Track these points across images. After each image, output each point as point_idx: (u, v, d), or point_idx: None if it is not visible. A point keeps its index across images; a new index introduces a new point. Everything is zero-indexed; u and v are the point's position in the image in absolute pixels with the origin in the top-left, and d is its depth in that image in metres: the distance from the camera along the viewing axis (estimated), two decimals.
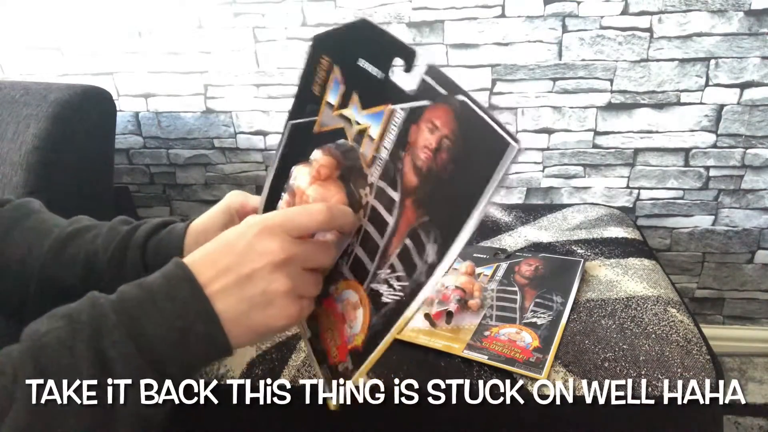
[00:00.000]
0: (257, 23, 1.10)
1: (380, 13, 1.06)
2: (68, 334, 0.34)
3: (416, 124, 0.40)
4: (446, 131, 0.38)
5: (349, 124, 0.45)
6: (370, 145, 0.43)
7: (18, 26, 1.15)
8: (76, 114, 0.96)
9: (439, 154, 0.39)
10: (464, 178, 0.38)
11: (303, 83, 0.47)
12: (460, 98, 0.37)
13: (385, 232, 0.43)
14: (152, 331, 0.36)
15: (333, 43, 0.45)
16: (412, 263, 0.41)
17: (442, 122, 0.39)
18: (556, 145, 1.13)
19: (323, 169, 0.43)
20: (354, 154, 0.45)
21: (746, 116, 1.06)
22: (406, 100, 0.41)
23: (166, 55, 1.15)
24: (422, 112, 0.40)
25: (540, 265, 0.83)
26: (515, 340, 0.67)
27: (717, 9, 0.98)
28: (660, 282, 0.81)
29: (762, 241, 1.18)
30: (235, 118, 1.19)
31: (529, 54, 1.06)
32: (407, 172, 0.41)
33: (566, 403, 0.62)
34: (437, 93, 0.39)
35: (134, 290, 0.37)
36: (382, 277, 0.43)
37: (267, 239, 0.39)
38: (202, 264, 0.38)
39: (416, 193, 0.41)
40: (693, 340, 0.68)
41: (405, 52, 0.41)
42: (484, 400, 0.63)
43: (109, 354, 0.34)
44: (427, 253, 0.40)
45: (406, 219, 0.42)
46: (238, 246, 0.39)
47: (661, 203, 1.16)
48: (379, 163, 0.43)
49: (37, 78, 1.19)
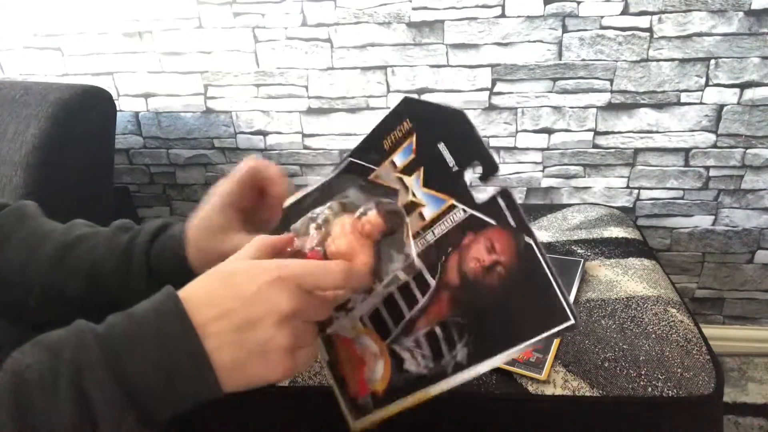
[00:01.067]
0: (257, 23, 1.10)
1: (380, 13, 1.06)
2: (50, 371, 0.33)
3: (474, 234, 0.42)
4: (503, 259, 0.40)
5: (405, 191, 0.45)
6: (418, 223, 0.44)
7: (18, 26, 1.15)
8: (76, 114, 0.96)
9: (490, 275, 0.41)
10: (509, 315, 0.40)
11: (377, 132, 0.47)
12: (527, 240, 0.39)
13: (415, 306, 0.44)
14: (135, 368, 0.34)
15: (423, 113, 0.45)
16: (440, 351, 0.43)
17: (501, 248, 0.40)
18: (556, 145, 1.13)
19: (369, 227, 0.42)
20: (400, 220, 0.44)
21: (746, 116, 1.06)
22: (470, 205, 0.42)
23: (166, 55, 1.15)
24: (484, 227, 0.41)
25: None
26: None
27: (717, 9, 0.98)
28: (660, 282, 0.81)
29: (762, 241, 1.18)
30: (235, 118, 1.19)
31: (529, 54, 1.06)
32: (451, 269, 0.43)
33: (566, 403, 0.62)
34: (504, 219, 0.40)
35: (122, 322, 0.35)
36: (405, 345, 0.45)
37: (278, 290, 0.36)
38: (200, 302, 0.36)
39: (455, 293, 0.43)
40: (693, 340, 0.68)
41: (489, 163, 0.41)
42: (485, 400, 0.63)
43: (91, 394, 0.32)
44: (456, 351, 0.42)
45: (438, 308, 0.43)
46: (246, 291, 0.36)
47: (661, 203, 1.16)
48: (422, 242, 0.44)
49: (37, 78, 1.19)
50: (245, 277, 0.37)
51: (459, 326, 0.42)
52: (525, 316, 0.39)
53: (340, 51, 1.10)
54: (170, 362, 0.34)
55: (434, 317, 0.43)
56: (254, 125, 1.19)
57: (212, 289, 0.37)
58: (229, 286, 0.37)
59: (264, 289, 0.36)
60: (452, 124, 0.43)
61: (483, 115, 1.12)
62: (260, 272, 0.37)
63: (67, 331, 0.35)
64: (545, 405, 0.62)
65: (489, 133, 1.13)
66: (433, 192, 0.44)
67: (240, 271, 0.37)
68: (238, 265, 0.38)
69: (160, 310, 0.36)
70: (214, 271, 0.39)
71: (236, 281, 0.37)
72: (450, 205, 0.43)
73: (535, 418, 0.63)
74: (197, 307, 0.36)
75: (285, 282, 0.37)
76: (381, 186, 0.46)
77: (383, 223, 0.43)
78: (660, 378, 0.62)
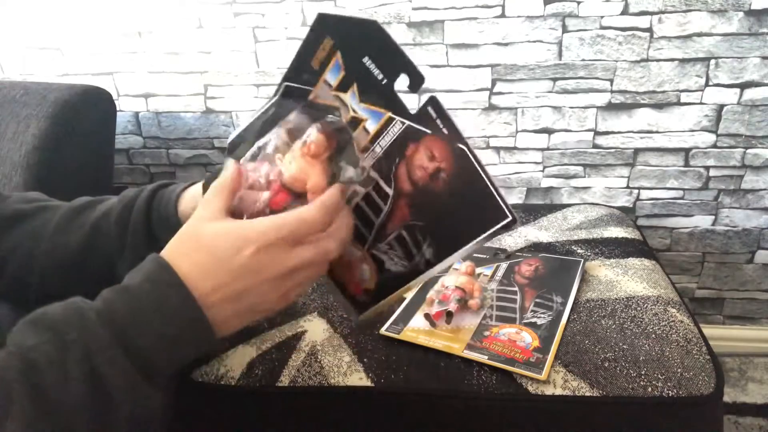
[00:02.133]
0: (257, 23, 1.10)
1: (380, 13, 1.06)
2: (57, 352, 0.33)
3: (415, 144, 0.45)
4: (444, 166, 0.44)
5: (345, 108, 0.47)
6: (365, 137, 0.47)
7: (18, 26, 1.15)
8: (76, 114, 0.96)
9: (436, 181, 0.45)
10: (456, 216, 0.44)
11: (302, 53, 0.48)
12: (460, 146, 0.42)
13: (381, 213, 0.48)
14: (143, 342, 0.36)
15: (339, 29, 0.46)
16: (409, 252, 0.47)
17: (440, 156, 0.44)
18: (556, 145, 1.13)
19: (314, 147, 0.44)
20: (347, 136, 0.46)
21: (746, 116, 1.06)
22: (405, 116, 0.45)
23: (166, 55, 1.15)
24: (422, 137, 0.45)
25: (540, 265, 0.83)
26: (515, 340, 0.67)
27: (717, 9, 0.98)
28: (660, 282, 0.81)
29: (762, 241, 1.18)
30: (235, 118, 1.19)
31: (529, 54, 1.06)
32: (402, 178, 0.47)
33: (566, 403, 0.62)
34: (437, 127, 0.44)
35: (121, 298, 0.37)
36: (382, 248, 0.49)
37: (262, 257, 0.38)
38: (191, 273, 0.38)
39: (410, 198, 0.47)
40: (693, 340, 0.68)
41: (414, 73, 0.44)
42: (485, 400, 0.63)
43: (103, 370, 0.34)
44: (423, 251, 0.47)
45: (400, 213, 0.48)
46: (233, 264, 0.38)
47: (661, 203, 1.16)
48: (372, 155, 0.47)
49: (37, 78, 1.19)
50: (229, 250, 0.38)
51: (420, 228, 0.47)
52: (470, 217, 0.43)
53: None
54: (175, 331, 0.37)
55: (399, 222, 0.47)
56: None
57: (199, 260, 0.38)
58: (216, 261, 0.38)
59: (250, 261, 0.38)
60: (370, 38, 0.44)
61: (483, 115, 1.12)
62: (242, 244, 0.38)
63: (64, 309, 0.36)
64: (545, 405, 0.62)
65: (489, 133, 1.13)
66: (371, 106, 0.46)
67: (221, 243, 0.39)
68: (217, 233, 0.39)
69: (157, 281, 0.37)
70: (193, 236, 0.40)
71: (222, 256, 0.38)
72: (388, 118, 0.46)
73: (535, 418, 0.63)
74: (191, 280, 0.37)
75: (267, 248, 0.38)
76: (322, 105, 0.48)
77: (326, 140, 0.44)
78: (660, 378, 0.62)
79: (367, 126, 0.47)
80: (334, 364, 0.68)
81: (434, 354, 0.67)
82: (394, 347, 0.69)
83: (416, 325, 0.72)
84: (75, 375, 0.33)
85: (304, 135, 0.45)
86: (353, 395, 0.65)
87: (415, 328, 0.71)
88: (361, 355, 0.69)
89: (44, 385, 0.32)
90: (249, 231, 0.39)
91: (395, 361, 0.67)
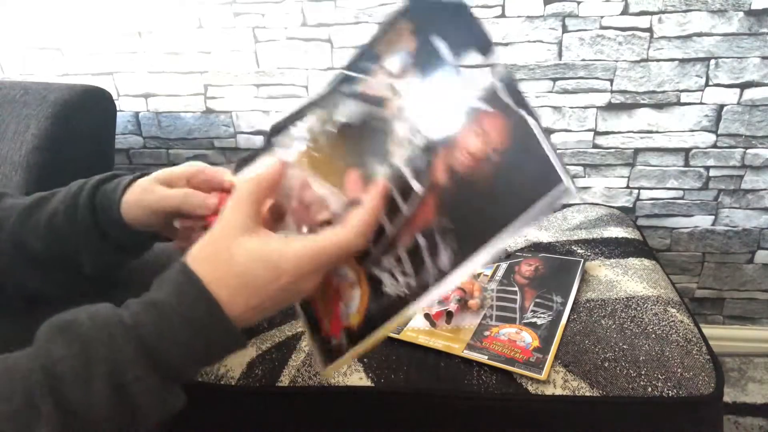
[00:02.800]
0: (257, 23, 1.10)
1: (380, 13, 1.06)
2: (84, 368, 0.33)
3: (465, 127, 0.38)
4: (497, 144, 0.36)
5: (396, 96, 0.42)
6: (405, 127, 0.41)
7: (18, 26, 1.15)
8: (76, 114, 0.96)
9: (482, 165, 0.37)
10: (501, 199, 0.36)
11: (373, 39, 0.45)
12: (522, 113, 0.35)
13: (396, 219, 0.41)
14: (172, 356, 0.36)
15: (424, 12, 0.42)
16: (422, 262, 0.39)
17: (495, 133, 0.37)
18: (556, 145, 1.13)
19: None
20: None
21: (746, 116, 1.06)
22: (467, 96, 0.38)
23: (166, 55, 1.15)
24: (477, 114, 0.38)
25: (540, 265, 0.83)
26: (515, 340, 0.67)
27: (717, 9, 0.98)
28: (660, 282, 0.81)
29: (762, 241, 1.18)
30: (235, 118, 1.19)
31: (529, 54, 1.06)
32: (438, 169, 0.39)
33: (566, 403, 0.62)
34: (500, 101, 0.36)
35: (148, 315, 0.36)
36: (385, 265, 0.41)
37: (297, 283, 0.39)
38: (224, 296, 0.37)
39: (443, 195, 0.39)
40: (693, 340, 0.68)
41: (485, 44, 0.38)
42: (485, 400, 0.63)
43: (131, 388, 0.34)
44: (440, 258, 0.39)
45: (423, 216, 0.40)
46: (267, 290, 0.38)
47: (661, 203, 1.16)
48: (408, 146, 0.41)
49: (37, 78, 1.19)
50: (263, 278, 0.38)
51: (445, 232, 0.39)
52: (516, 192, 0.35)
53: (340, 51, 1.10)
54: (204, 342, 0.37)
55: (419, 227, 0.40)
56: (254, 125, 1.19)
57: (231, 283, 0.38)
58: (251, 287, 0.38)
59: (284, 288, 0.38)
60: (452, 17, 0.40)
61: None
62: (278, 274, 0.38)
63: (93, 321, 0.35)
64: (545, 405, 0.62)
65: None
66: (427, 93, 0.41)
67: (256, 271, 0.38)
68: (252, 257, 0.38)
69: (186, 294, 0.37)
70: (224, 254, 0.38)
71: (256, 283, 0.38)
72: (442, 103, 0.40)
73: (535, 418, 0.63)
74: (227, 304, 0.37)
75: (303, 276, 0.39)
76: (371, 97, 0.43)
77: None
78: (660, 378, 0.62)
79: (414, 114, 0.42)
80: None
81: (434, 354, 0.67)
82: (394, 347, 0.69)
83: (416, 325, 0.72)
84: (102, 391, 0.33)
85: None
86: (353, 395, 0.65)
87: (415, 328, 0.71)
88: (361, 355, 0.69)
89: (70, 400, 0.33)
90: (285, 261, 0.38)
91: (395, 361, 0.67)
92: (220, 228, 0.40)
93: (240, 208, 0.40)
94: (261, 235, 0.39)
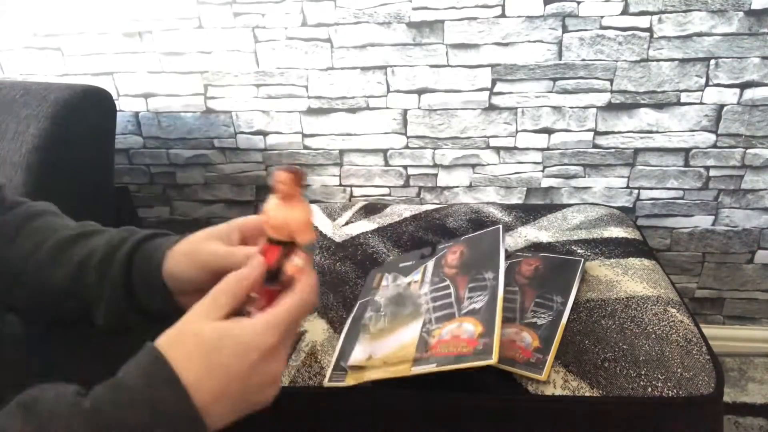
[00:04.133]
0: (257, 23, 1.10)
1: (380, 13, 1.06)
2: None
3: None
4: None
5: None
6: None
7: (18, 26, 1.15)
8: (76, 114, 0.95)
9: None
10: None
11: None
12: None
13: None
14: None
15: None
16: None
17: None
18: (556, 145, 1.13)
19: (283, 186, 0.44)
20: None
21: (746, 116, 1.06)
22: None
23: (166, 55, 1.15)
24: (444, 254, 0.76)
25: (540, 265, 0.83)
26: (515, 340, 0.67)
27: (717, 9, 0.98)
28: (660, 282, 0.81)
29: (762, 241, 1.18)
30: (235, 118, 1.19)
31: (529, 54, 1.06)
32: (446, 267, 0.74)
33: (566, 403, 0.62)
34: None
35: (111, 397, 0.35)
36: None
37: (267, 360, 0.39)
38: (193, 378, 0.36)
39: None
40: (693, 340, 0.68)
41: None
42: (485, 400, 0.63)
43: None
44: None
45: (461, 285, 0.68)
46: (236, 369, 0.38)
47: (661, 203, 1.16)
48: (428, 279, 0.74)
49: (37, 78, 1.19)
50: (232, 357, 0.38)
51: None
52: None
53: (340, 51, 1.10)
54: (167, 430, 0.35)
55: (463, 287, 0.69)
56: (254, 125, 1.19)
57: (200, 362, 0.37)
58: (219, 365, 0.37)
59: (254, 366, 0.38)
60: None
61: (483, 115, 1.12)
62: (246, 350, 0.38)
63: (56, 401, 0.35)
64: (545, 405, 0.62)
65: (489, 133, 1.13)
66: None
67: (227, 349, 0.38)
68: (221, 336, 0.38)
69: (153, 376, 0.36)
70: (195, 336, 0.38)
71: (225, 361, 0.37)
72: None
73: (535, 418, 0.63)
74: (193, 387, 0.36)
75: (271, 351, 0.39)
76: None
77: (293, 176, 0.43)
78: (660, 378, 0.62)
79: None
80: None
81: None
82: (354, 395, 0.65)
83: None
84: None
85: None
86: (353, 395, 0.65)
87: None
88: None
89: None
90: (253, 336, 0.39)
91: None
92: (192, 313, 0.40)
93: (216, 301, 0.40)
94: (230, 320, 0.40)
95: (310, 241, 0.45)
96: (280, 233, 0.45)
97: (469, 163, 1.17)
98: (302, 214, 0.44)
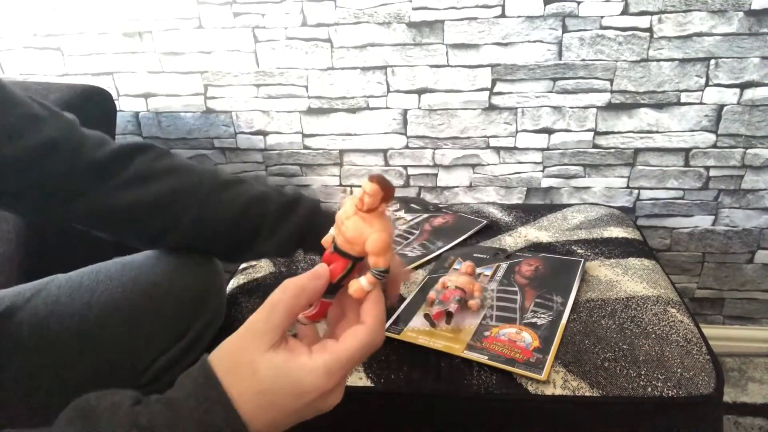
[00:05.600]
0: (257, 23, 1.10)
1: (380, 13, 1.06)
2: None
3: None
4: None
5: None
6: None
7: (18, 26, 1.15)
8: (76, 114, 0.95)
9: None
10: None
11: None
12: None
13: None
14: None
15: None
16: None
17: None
18: (556, 145, 1.13)
19: (369, 198, 0.38)
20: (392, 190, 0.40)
21: (746, 116, 1.06)
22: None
23: (166, 55, 1.15)
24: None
25: (540, 265, 0.83)
26: (515, 340, 0.67)
27: (717, 9, 0.98)
28: (660, 282, 0.81)
29: (762, 241, 1.18)
30: (235, 118, 1.19)
31: (529, 54, 1.06)
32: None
33: (566, 403, 0.62)
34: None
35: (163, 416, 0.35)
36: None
37: (320, 400, 0.38)
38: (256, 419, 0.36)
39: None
40: (693, 340, 0.68)
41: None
42: (485, 400, 0.63)
43: None
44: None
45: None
46: (290, 407, 0.37)
47: (661, 203, 1.16)
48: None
49: (37, 78, 1.19)
50: (287, 396, 0.37)
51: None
52: None
53: (340, 51, 1.10)
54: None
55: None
56: (254, 125, 1.19)
57: (256, 403, 0.37)
58: (275, 406, 0.37)
59: (307, 405, 0.38)
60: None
61: (483, 115, 1.12)
62: (302, 391, 0.37)
63: (113, 412, 0.35)
64: (545, 405, 0.62)
65: (489, 133, 1.13)
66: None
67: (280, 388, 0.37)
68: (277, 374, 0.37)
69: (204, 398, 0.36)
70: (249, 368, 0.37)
71: (280, 401, 0.37)
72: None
73: (535, 418, 0.63)
74: (248, 417, 0.36)
75: (326, 393, 0.38)
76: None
77: (381, 190, 0.38)
78: (660, 378, 0.62)
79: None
80: None
81: (434, 354, 0.67)
82: (395, 348, 0.69)
83: (416, 325, 0.72)
84: None
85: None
86: (353, 395, 0.65)
87: (416, 329, 0.71)
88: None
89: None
90: (311, 380, 0.37)
91: (395, 361, 0.67)
92: (247, 333, 0.38)
93: (271, 317, 0.38)
94: (287, 350, 0.38)
95: (384, 266, 0.39)
96: (352, 248, 0.40)
97: (469, 163, 1.17)
98: (382, 235, 0.39)
